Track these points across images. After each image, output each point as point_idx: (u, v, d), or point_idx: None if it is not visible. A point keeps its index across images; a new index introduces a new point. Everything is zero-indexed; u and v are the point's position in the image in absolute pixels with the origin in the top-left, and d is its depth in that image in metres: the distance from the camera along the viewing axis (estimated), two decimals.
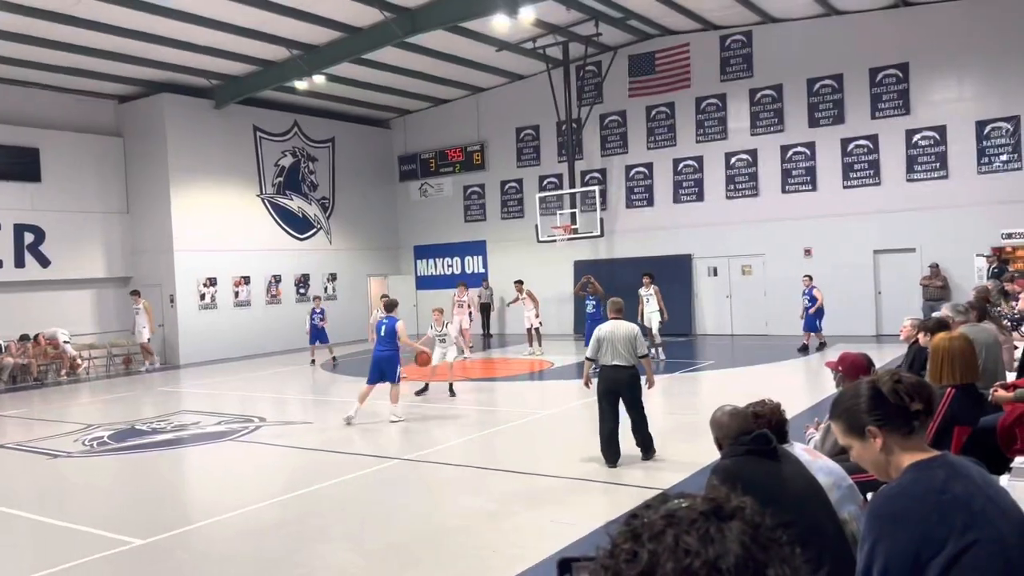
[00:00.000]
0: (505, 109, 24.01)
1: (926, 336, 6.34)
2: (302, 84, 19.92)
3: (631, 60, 21.77)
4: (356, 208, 25.19)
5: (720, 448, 3.65)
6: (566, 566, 1.11)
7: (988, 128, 17.57)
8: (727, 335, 20.80)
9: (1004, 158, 17.46)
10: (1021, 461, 4.04)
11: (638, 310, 16.52)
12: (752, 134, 20.36)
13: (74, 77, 19.01)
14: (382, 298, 15.10)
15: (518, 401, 13.22)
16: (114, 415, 12.94)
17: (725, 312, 21.09)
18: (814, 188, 19.59)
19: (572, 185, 21.77)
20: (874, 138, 18.78)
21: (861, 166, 19.00)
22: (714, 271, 21.16)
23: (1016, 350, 7.75)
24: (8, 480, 9.06)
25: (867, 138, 18.86)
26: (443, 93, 24.28)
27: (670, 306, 17.92)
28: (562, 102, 21.49)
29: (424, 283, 26.10)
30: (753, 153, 20.35)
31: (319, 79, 19.58)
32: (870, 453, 2.11)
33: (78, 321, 19.67)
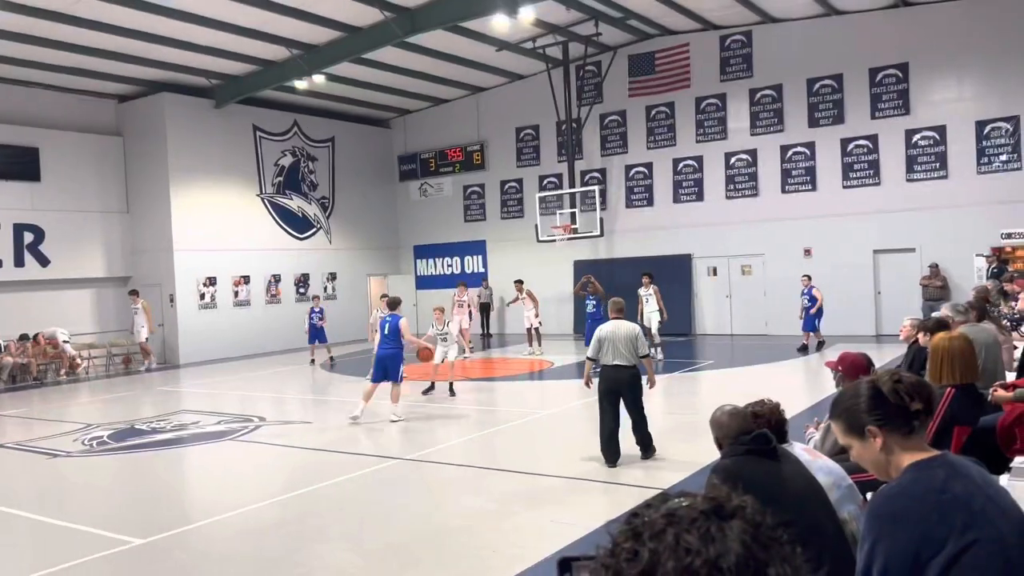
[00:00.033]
0: (505, 109, 24.01)
1: (926, 336, 6.34)
2: (302, 84, 19.93)
3: (631, 60, 21.77)
4: (356, 208, 25.19)
5: (720, 448, 3.65)
6: (566, 565, 1.11)
7: (988, 128, 17.58)
8: (727, 335, 20.81)
9: (1004, 158, 17.47)
10: (1021, 461, 4.04)
11: (638, 310, 16.51)
12: (752, 134, 20.36)
13: (74, 76, 19.00)
14: (382, 297, 15.11)
15: (518, 401, 13.22)
16: (114, 415, 12.94)
17: (725, 312, 21.09)
18: (814, 188, 19.59)
19: (572, 185, 21.77)
20: (874, 138, 18.78)
21: (861, 166, 19.01)
22: (714, 271, 21.17)
23: (1016, 350, 7.76)
24: (8, 480, 9.05)
25: (867, 138, 18.86)
26: (443, 93, 24.28)
27: (670, 306, 17.92)
28: (562, 102, 21.49)
29: (424, 283, 26.10)
30: (753, 153, 20.35)
31: (319, 79, 19.59)
32: (870, 453, 2.11)
33: (78, 321, 19.67)
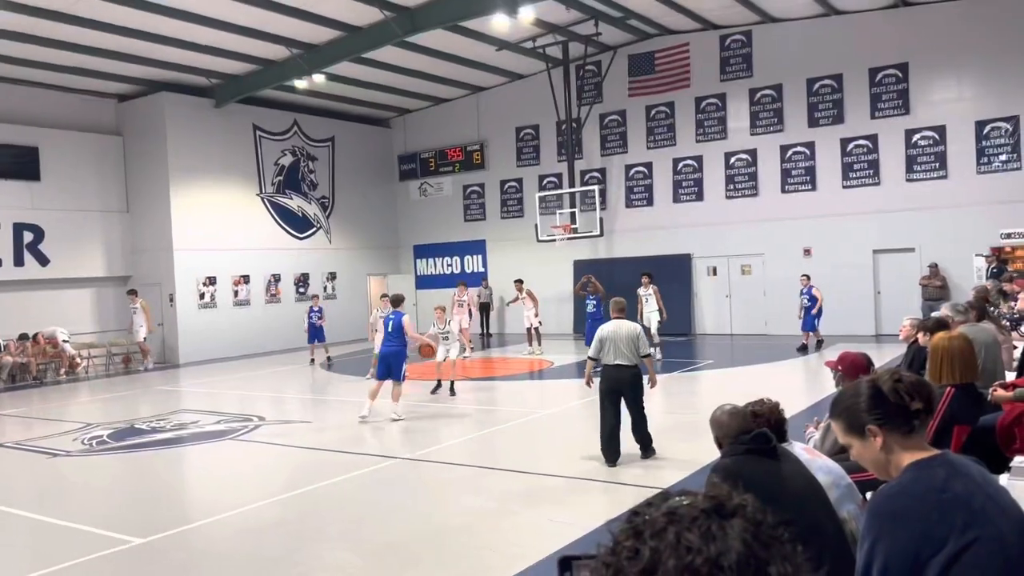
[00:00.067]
0: (505, 108, 24.01)
1: (925, 336, 6.34)
2: (302, 83, 19.92)
3: (631, 60, 21.77)
4: (356, 207, 25.18)
5: (720, 447, 3.65)
6: (567, 564, 1.11)
7: (987, 128, 17.58)
8: (726, 335, 20.81)
9: (1003, 158, 17.47)
10: (1020, 460, 4.04)
11: (637, 310, 16.51)
12: (752, 134, 20.36)
13: (74, 76, 18.99)
14: (383, 297, 15.13)
15: (518, 400, 13.22)
16: (113, 414, 12.94)
17: (724, 312, 21.09)
18: (813, 188, 19.60)
19: (572, 184, 21.77)
20: (873, 138, 18.78)
21: (860, 166, 19.01)
22: (713, 271, 21.17)
23: (1015, 350, 7.76)
24: (7, 479, 9.05)
25: (866, 138, 18.87)
26: (443, 92, 24.28)
27: (669, 306, 17.93)
28: (562, 102, 21.49)
29: (424, 282, 26.10)
30: (753, 153, 20.35)
31: (319, 78, 19.58)
32: (870, 452, 2.11)
33: (77, 320, 19.67)
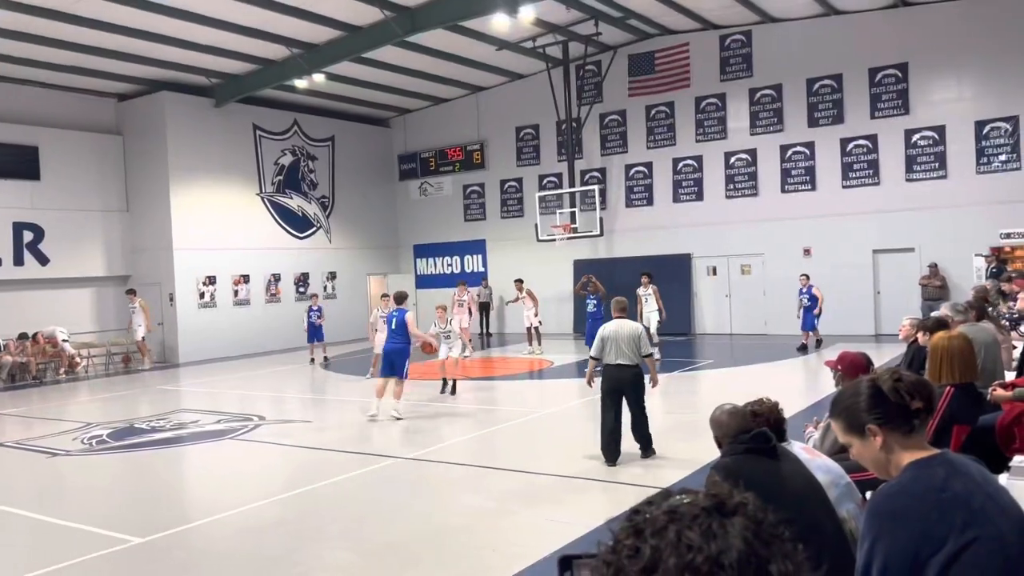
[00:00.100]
0: (505, 108, 24.00)
1: (925, 335, 6.35)
2: (302, 83, 19.92)
3: (631, 59, 21.77)
4: (356, 207, 25.18)
5: (720, 446, 3.65)
6: (567, 564, 1.11)
7: (987, 128, 17.58)
8: (726, 334, 20.81)
9: (1003, 158, 17.47)
10: (1019, 460, 4.04)
11: (637, 310, 16.52)
12: (751, 134, 20.36)
13: (74, 75, 18.99)
14: (383, 297, 15.15)
15: (518, 400, 13.22)
16: (113, 413, 12.93)
17: (724, 311, 21.09)
18: (813, 188, 19.60)
19: (572, 184, 21.77)
20: (873, 138, 18.79)
21: (860, 166, 19.01)
22: (713, 270, 21.17)
23: (1015, 349, 7.77)
24: (7, 478, 9.04)
25: (866, 138, 18.87)
26: (443, 92, 24.27)
27: (669, 305, 17.93)
28: (562, 101, 21.49)
29: (424, 282, 26.10)
30: (752, 153, 20.35)
31: (319, 78, 19.58)
32: (870, 451, 2.11)
33: (77, 320, 19.66)
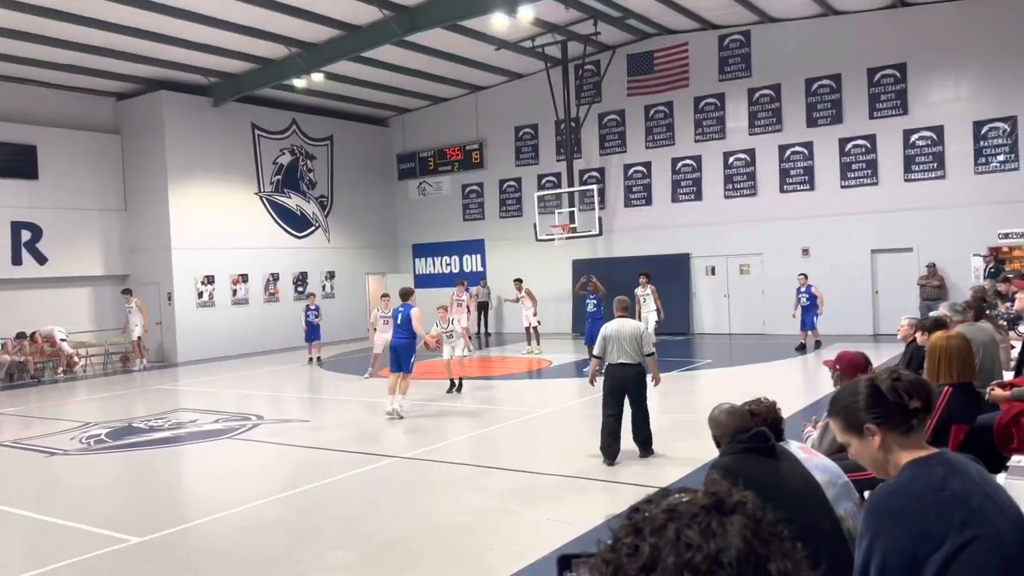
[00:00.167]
0: (504, 108, 24.00)
1: (923, 335, 6.35)
2: (301, 82, 19.90)
3: (629, 59, 21.77)
4: (354, 206, 25.17)
5: (718, 446, 3.66)
6: (566, 563, 1.11)
7: (985, 128, 17.60)
8: (725, 334, 20.82)
9: (1001, 158, 17.49)
10: (1017, 459, 4.05)
11: (635, 310, 16.52)
12: (750, 134, 20.37)
13: (72, 74, 18.97)
14: (383, 297, 15.15)
15: (517, 399, 13.23)
16: (111, 413, 12.92)
17: (723, 311, 21.10)
18: (812, 188, 19.61)
19: (570, 184, 21.77)
20: (872, 138, 18.80)
21: (859, 166, 19.02)
22: (712, 270, 21.17)
23: (1013, 349, 7.78)
24: (5, 478, 9.04)
25: (865, 138, 18.88)
26: (442, 92, 24.27)
27: (668, 305, 17.94)
28: (561, 101, 21.49)
29: (423, 282, 26.06)
30: (751, 153, 20.36)
31: (318, 77, 19.56)
32: (868, 451, 2.11)
33: (75, 319, 19.64)
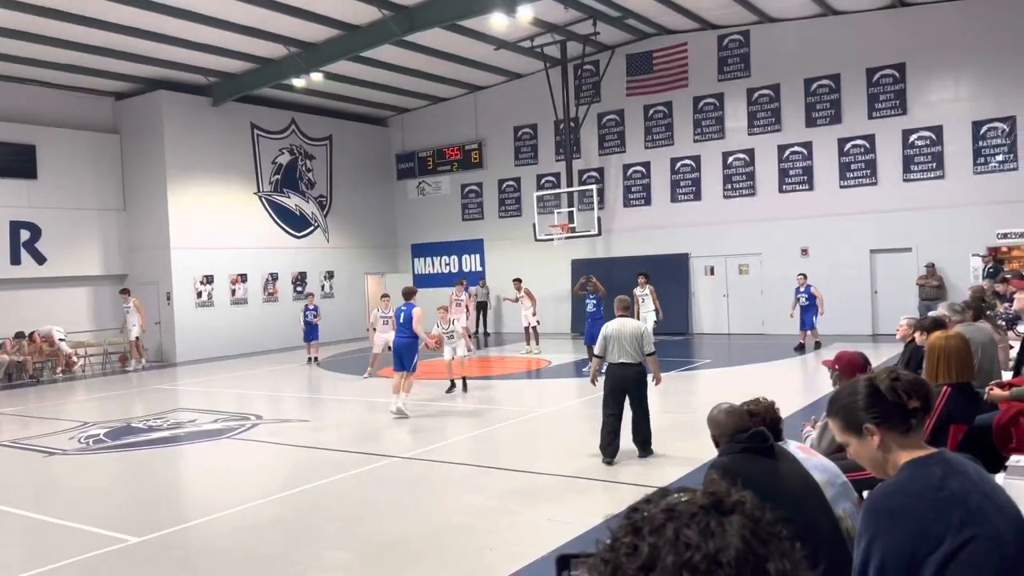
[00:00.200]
0: (503, 108, 24.00)
1: (922, 335, 6.35)
2: (300, 82, 19.90)
3: (629, 59, 21.78)
4: (354, 206, 25.16)
5: (717, 445, 3.66)
6: (565, 562, 1.11)
7: (984, 128, 17.61)
8: (724, 334, 20.82)
9: (1000, 158, 17.50)
10: (1016, 459, 4.05)
11: (634, 310, 16.50)
12: (749, 134, 20.38)
13: (71, 74, 18.96)
14: (383, 297, 15.16)
15: (516, 399, 13.23)
16: (110, 412, 12.91)
17: (722, 311, 21.11)
18: (811, 188, 19.62)
19: (570, 184, 21.77)
20: (871, 138, 18.81)
21: (858, 166, 19.03)
22: (711, 270, 21.18)
23: (1011, 349, 7.79)
24: (4, 477, 9.03)
25: (864, 138, 18.89)
26: (441, 91, 24.26)
27: (667, 305, 17.94)
28: (560, 101, 21.49)
29: (422, 281, 26.02)
30: (750, 152, 20.37)
31: (317, 77, 19.56)
32: (867, 450, 2.11)
33: (74, 319, 19.63)
